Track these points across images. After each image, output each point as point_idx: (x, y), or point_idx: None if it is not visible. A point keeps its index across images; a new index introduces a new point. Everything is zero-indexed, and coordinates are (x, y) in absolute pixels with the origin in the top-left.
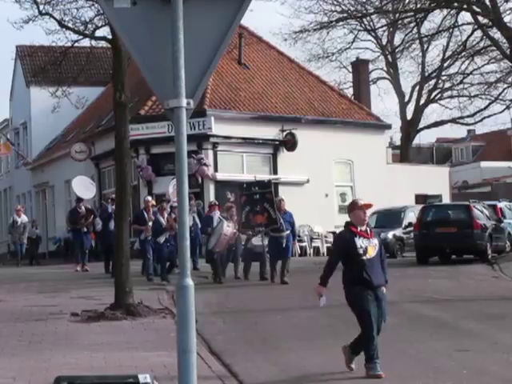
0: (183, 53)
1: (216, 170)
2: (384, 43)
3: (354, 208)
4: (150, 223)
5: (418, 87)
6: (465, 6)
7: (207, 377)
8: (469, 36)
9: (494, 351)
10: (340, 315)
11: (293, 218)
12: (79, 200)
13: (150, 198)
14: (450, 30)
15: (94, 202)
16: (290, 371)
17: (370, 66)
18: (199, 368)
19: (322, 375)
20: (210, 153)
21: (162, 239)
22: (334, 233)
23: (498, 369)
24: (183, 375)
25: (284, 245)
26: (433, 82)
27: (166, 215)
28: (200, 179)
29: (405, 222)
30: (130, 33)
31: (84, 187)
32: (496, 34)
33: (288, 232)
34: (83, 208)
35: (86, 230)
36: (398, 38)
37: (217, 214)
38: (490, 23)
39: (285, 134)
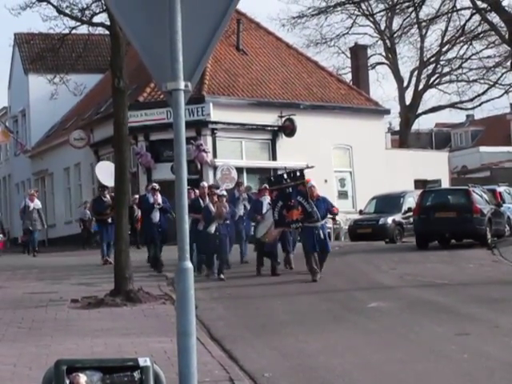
0: (181, 35)
1: (215, 156)
2: (382, 28)
3: None
4: None
5: (416, 72)
6: None
7: (207, 362)
8: (467, 20)
9: (494, 335)
10: (339, 300)
11: (328, 203)
12: (103, 188)
13: (205, 183)
14: (449, 15)
15: (93, 190)
16: (290, 356)
17: (369, 52)
18: (199, 353)
19: (321, 359)
20: (209, 139)
21: (212, 229)
22: (333, 218)
23: (498, 352)
24: (183, 358)
25: (322, 236)
26: (431, 66)
27: (216, 200)
28: (199, 165)
29: (404, 207)
30: (127, 16)
31: (108, 174)
32: (495, 18)
33: (323, 222)
34: (108, 196)
35: (110, 220)
36: (396, 22)
37: (267, 199)
38: (489, 7)
39: (283, 119)
